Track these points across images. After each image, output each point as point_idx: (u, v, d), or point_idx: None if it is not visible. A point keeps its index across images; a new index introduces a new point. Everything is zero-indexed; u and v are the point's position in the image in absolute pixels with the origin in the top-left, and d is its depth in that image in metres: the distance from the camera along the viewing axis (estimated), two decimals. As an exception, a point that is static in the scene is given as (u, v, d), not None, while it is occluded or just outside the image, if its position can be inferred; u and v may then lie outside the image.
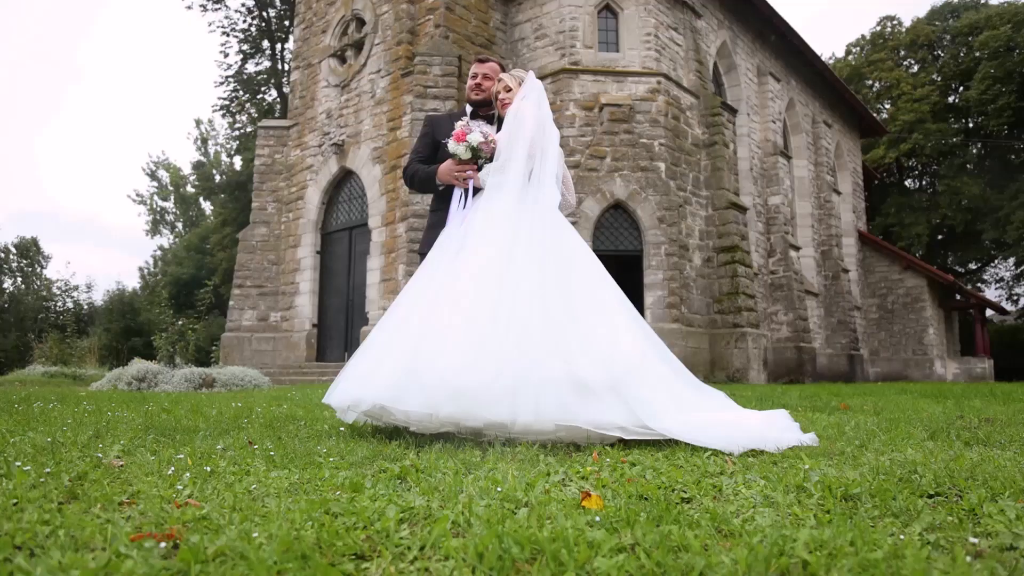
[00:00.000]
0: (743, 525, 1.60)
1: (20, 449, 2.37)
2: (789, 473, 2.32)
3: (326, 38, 17.54)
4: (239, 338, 16.91)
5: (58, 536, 1.23)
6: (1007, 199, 28.20)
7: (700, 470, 2.40)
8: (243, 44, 30.52)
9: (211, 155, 41.71)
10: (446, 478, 1.90)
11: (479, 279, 3.07)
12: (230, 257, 32.83)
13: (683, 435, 2.87)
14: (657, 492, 1.90)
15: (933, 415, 4.79)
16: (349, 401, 3.00)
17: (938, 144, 30.49)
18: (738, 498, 1.93)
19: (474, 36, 16.01)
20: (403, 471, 2.01)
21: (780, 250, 19.45)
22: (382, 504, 1.54)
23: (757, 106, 20.29)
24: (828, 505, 1.88)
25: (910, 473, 2.33)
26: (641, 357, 3.12)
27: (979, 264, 34.57)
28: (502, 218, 3.28)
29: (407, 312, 3.19)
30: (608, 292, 3.33)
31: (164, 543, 1.20)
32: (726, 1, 19.03)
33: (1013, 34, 28.94)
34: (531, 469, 2.20)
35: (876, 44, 34.76)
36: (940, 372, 22.82)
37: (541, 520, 1.42)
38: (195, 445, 2.57)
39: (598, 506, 1.61)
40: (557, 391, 2.79)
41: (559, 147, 3.63)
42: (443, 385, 2.76)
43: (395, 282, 14.95)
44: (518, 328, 2.91)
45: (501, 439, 2.84)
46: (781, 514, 1.76)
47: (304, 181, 17.37)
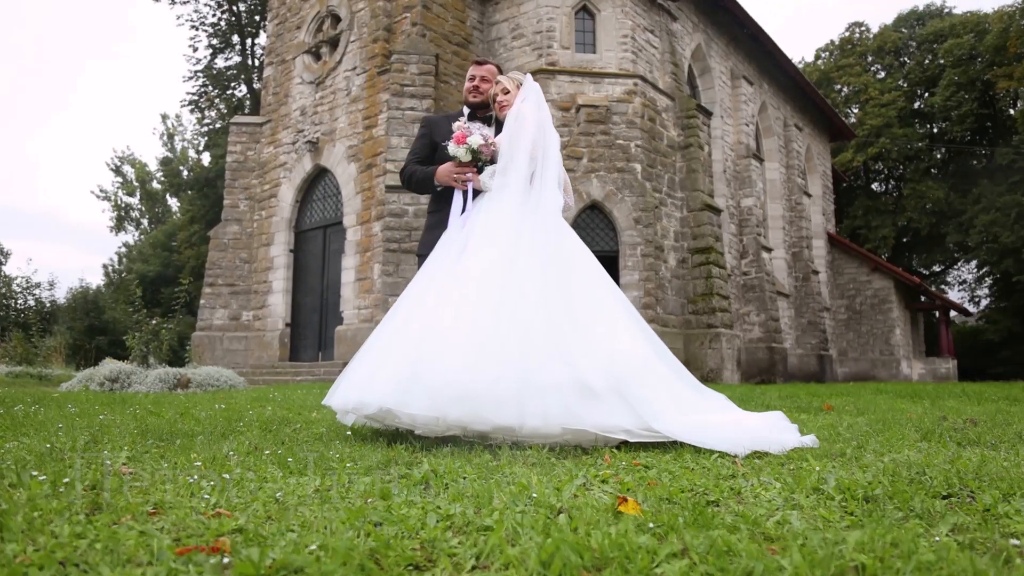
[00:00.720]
0: (777, 528, 1.60)
1: (18, 456, 2.29)
2: (801, 475, 2.33)
3: (300, 34, 17.34)
4: (210, 337, 16.66)
5: (98, 550, 1.19)
6: (970, 203, 28.86)
7: (712, 472, 2.41)
8: (212, 39, 30.06)
9: (178, 151, 41.04)
10: (473, 484, 1.88)
11: (482, 282, 3.05)
12: (198, 255, 32.33)
13: (687, 437, 2.88)
14: (681, 495, 1.90)
15: (917, 416, 4.87)
16: (353, 404, 2.96)
17: (904, 148, 31.10)
18: (761, 501, 1.94)
19: (451, 35, 15.95)
20: (425, 476, 1.98)
21: (752, 251, 19.68)
22: (419, 511, 1.51)
23: (730, 109, 20.50)
24: (851, 507, 1.89)
25: (919, 475, 2.35)
26: (643, 359, 3.12)
27: (943, 266, 35.35)
28: (505, 221, 3.26)
29: (408, 314, 3.15)
30: (609, 294, 3.34)
31: (213, 557, 1.16)
32: (701, 4, 19.20)
33: (975, 43, 29.63)
34: (547, 473, 2.19)
35: (845, 49, 35.36)
36: (906, 372, 23.29)
37: (588, 526, 1.41)
38: (201, 451, 2.52)
39: (635, 511, 1.60)
40: (563, 395, 2.79)
41: (559, 150, 3.62)
42: (448, 388, 2.73)
43: (370, 281, 14.85)
44: (522, 331, 2.90)
45: (508, 442, 2.82)
46: (808, 516, 1.77)
47: (277, 179, 17.16)
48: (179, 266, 34.75)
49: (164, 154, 40.95)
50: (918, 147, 31.46)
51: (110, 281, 42.07)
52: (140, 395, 6.77)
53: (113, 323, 30.42)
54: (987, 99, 30.46)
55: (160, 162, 39.56)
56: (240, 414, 4.35)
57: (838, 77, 34.37)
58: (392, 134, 14.31)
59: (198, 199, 31.00)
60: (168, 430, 3.27)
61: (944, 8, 34.82)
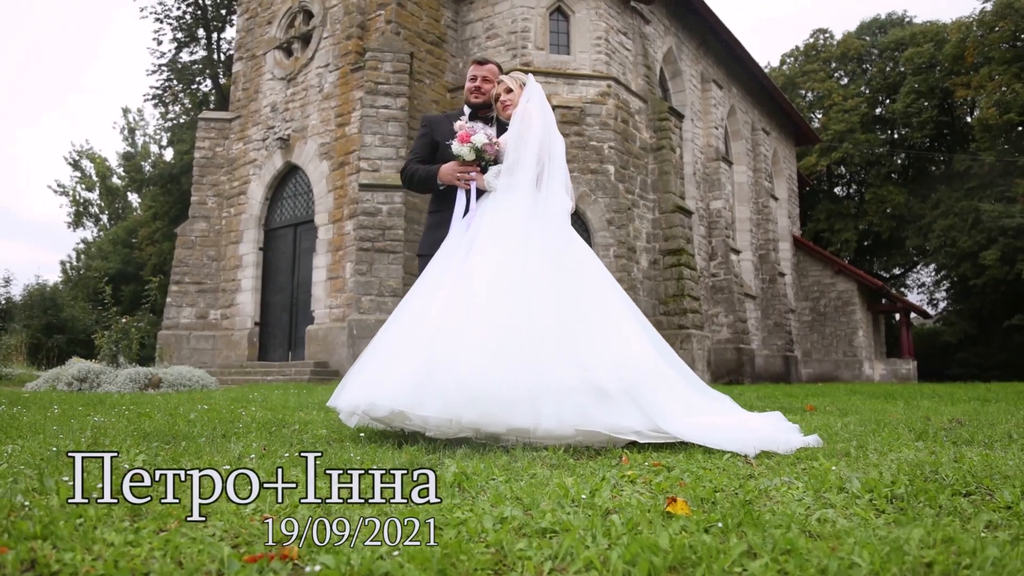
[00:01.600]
0: (822, 526, 1.61)
1: (23, 460, 2.20)
2: (817, 474, 2.35)
3: (271, 29, 17.09)
4: (176, 336, 16.33)
5: (160, 559, 1.14)
6: (929, 208, 29.59)
7: (730, 472, 2.42)
8: (177, 32, 29.49)
9: (139, 146, 40.14)
10: (508, 486, 1.85)
11: (493, 284, 3.03)
12: (160, 252, 31.65)
13: (696, 437, 2.90)
14: (717, 495, 1.90)
15: (901, 417, 4.96)
16: (363, 406, 2.91)
17: (866, 154, 31.78)
18: (791, 500, 1.95)
19: (425, 33, 15.86)
20: (457, 478, 1.95)
21: (721, 253, 19.91)
22: (471, 514, 1.48)
23: (700, 112, 20.72)
24: (881, 506, 1.91)
25: (932, 474, 2.39)
26: (651, 362, 3.14)
27: (903, 269, 36.20)
28: (513, 223, 3.25)
29: (416, 314, 3.11)
30: (616, 298, 3.34)
31: (282, 564, 1.12)
32: (672, 8, 19.37)
33: (935, 52, 30.41)
34: (575, 474, 2.17)
35: (809, 55, 36.01)
36: (868, 373, 23.79)
37: (650, 527, 1.39)
38: (212, 454, 2.45)
39: (685, 511, 1.60)
40: (576, 397, 2.80)
41: (564, 153, 3.61)
42: (462, 390, 2.71)
43: (342, 280, 14.69)
44: (535, 334, 2.89)
45: (519, 443, 2.80)
46: (844, 515, 1.78)
47: (247, 175, 16.89)
48: (140, 263, 34.01)
49: (125, 149, 40.05)
50: (879, 152, 32.18)
51: (68, 278, 41.00)
52: (116, 395, 6.60)
53: (72, 321, 29.67)
54: (946, 106, 31.27)
55: (122, 157, 38.63)
56: (232, 415, 4.26)
57: (803, 82, 34.99)
58: (366, 132, 14.17)
59: (161, 195, 30.36)
60: (167, 432, 3.18)
61: (905, 17, 35.68)
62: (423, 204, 15.30)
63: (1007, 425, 4.16)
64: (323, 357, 14.51)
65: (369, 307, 13.46)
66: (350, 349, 13.28)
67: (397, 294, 13.70)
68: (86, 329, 29.90)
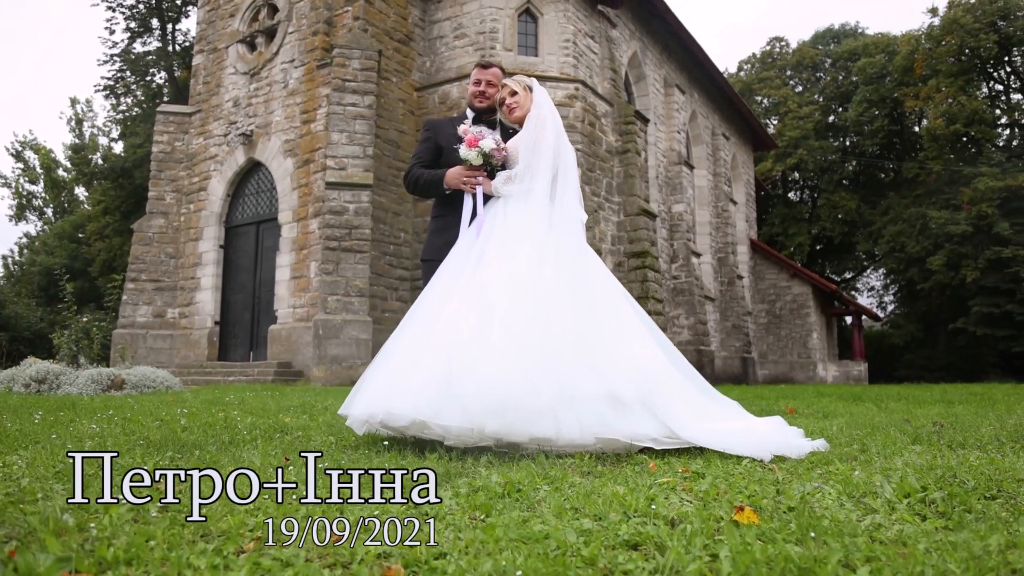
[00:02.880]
0: (881, 533, 1.64)
1: (35, 474, 2.11)
2: (840, 479, 2.40)
3: (234, 22, 16.75)
4: (132, 335, 15.88)
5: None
6: (879, 214, 30.47)
7: (755, 477, 2.45)
8: (130, 21, 28.69)
9: (87, 137, 38.90)
10: (559, 495, 1.84)
11: (511, 293, 3.01)
12: (110, 247, 30.74)
13: (713, 443, 2.93)
14: (764, 502, 1.92)
15: (882, 420, 5.08)
16: (380, 415, 2.84)
17: (819, 160, 32.57)
18: (835, 506, 1.97)
19: (392, 31, 15.72)
20: (508, 489, 1.93)
21: (683, 256, 20.19)
22: (548, 527, 1.47)
23: (663, 116, 20.97)
24: (923, 511, 1.95)
25: (952, 477, 2.45)
26: (664, 370, 3.17)
27: (853, 273, 37.22)
28: (529, 231, 3.23)
29: (431, 321, 3.06)
30: (628, 306, 3.36)
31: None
32: (638, 12, 19.57)
33: (886, 63, 31.34)
34: (614, 483, 2.17)
35: (766, 63, 36.76)
36: (822, 374, 24.39)
37: (732, 537, 1.40)
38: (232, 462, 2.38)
39: (753, 520, 1.61)
40: (596, 406, 2.82)
41: (575, 161, 3.60)
42: (484, 399, 2.69)
43: (307, 280, 14.48)
44: (555, 343, 2.90)
45: (540, 451, 2.80)
46: (892, 521, 1.82)
47: (207, 171, 16.51)
48: (89, 259, 33.01)
49: (72, 140, 38.78)
50: (832, 159, 33.01)
51: (10, 274, 39.57)
52: (86, 399, 6.38)
53: (16, 319, 28.62)
54: (896, 116, 32.22)
55: (71, 149, 37.36)
56: (227, 421, 4.14)
57: (759, 89, 35.70)
58: (333, 130, 13.98)
59: (113, 189, 29.45)
60: (170, 440, 3.08)
61: (858, 28, 36.68)
62: (389, 204, 15.17)
63: (988, 429, 4.30)
64: (287, 357, 14.27)
65: (336, 307, 13.28)
66: (316, 349, 13.09)
67: (364, 294, 13.55)
68: (31, 327, 28.88)
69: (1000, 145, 29.26)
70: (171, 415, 4.47)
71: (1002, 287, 23.92)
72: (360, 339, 13.26)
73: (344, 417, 3.23)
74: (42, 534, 1.29)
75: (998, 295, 24.08)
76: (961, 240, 24.94)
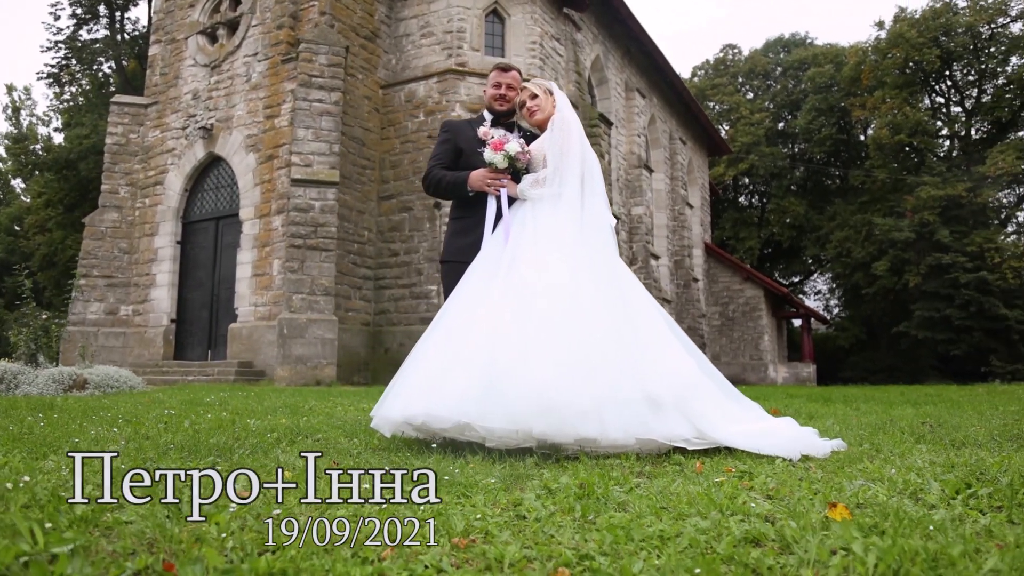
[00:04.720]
0: (961, 526, 1.72)
1: (48, 484, 2.05)
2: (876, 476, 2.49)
3: (194, 13, 16.34)
4: (84, 333, 15.37)
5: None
6: (826, 220, 31.41)
7: (796, 475, 2.53)
8: (76, 7, 27.72)
9: (24, 127, 37.39)
10: (631, 495, 1.88)
11: (551, 296, 3.04)
12: (51, 241, 29.64)
13: (743, 444, 3.01)
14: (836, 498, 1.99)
15: (869, 420, 5.25)
16: (420, 416, 2.83)
17: (770, 166, 33.39)
18: (894, 502, 2.05)
19: (359, 27, 15.56)
20: (588, 490, 1.95)
21: (642, 259, 20.46)
22: (664, 526, 1.50)
23: (624, 120, 21.24)
24: (978, 505, 2.05)
25: (981, 474, 2.57)
26: (694, 373, 3.25)
27: (801, 277, 38.25)
28: (562, 235, 3.27)
29: (465, 323, 3.07)
30: (657, 311, 3.44)
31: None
32: (601, 17, 19.77)
33: (835, 73, 32.33)
34: (676, 484, 2.22)
35: (719, 69, 37.53)
36: (773, 376, 25.03)
37: (847, 532, 1.45)
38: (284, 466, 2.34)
39: (846, 516, 1.67)
40: (636, 407, 2.89)
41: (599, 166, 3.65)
42: (530, 400, 2.71)
43: (269, 277, 14.22)
44: (599, 347, 2.95)
45: (581, 452, 2.84)
46: (957, 516, 1.90)
47: (164, 165, 16.07)
48: (27, 253, 31.79)
49: (8, 129, 37.25)
50: (782, 165, 33.89)
51: (-58, 268, 37.74)
52: (60, 399, 6.16)
53: (-51, 315, 27.39)
54: (843, 125, 33.25)
55: (12, 139, 35.84)
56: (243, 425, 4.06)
57: (712, 95, 36.42)
58: (299, 126, 13.76)
59: (55, 181, 28.38)
60: (198, 444, 3.01)
61: (807, 38, 37.72)
62: (354, 202, 15.00)
63: (975, 428, 4.49)
64: (248, 357, 13.99)
65: (300, 306, 13.08)
66: (281, 349, 12.87)
67: (330, 292, 13.38)
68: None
69: (941, 155, 30.47)
70: (168, 417, 4.36)
71: (942, 292, 24.89)
72: (326, 338, 13.09)
73: (370, 419, 3.21)
74: (186, 545, 1.26)
75: (938, 300, 25.06)
76: (904, 246, 25.88)
